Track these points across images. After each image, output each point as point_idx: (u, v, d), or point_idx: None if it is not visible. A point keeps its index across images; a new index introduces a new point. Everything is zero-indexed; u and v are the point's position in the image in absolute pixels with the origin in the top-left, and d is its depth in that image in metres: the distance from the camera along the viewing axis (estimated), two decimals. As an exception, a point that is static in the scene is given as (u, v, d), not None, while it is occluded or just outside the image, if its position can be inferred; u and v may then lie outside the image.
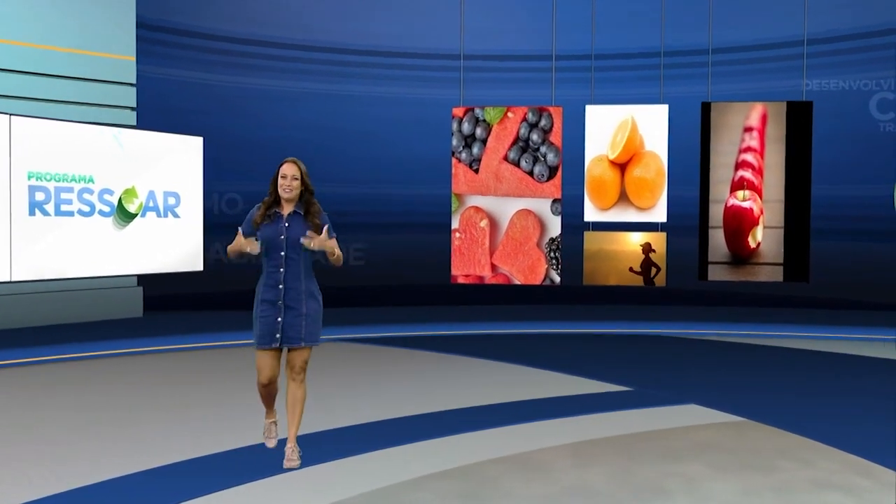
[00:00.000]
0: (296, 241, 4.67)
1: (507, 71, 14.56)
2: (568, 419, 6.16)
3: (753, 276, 10.41)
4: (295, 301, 4.71)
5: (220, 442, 5.44)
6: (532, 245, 10.33)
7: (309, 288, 4.77)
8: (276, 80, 14.65)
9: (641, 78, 13.57)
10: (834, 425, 6.01)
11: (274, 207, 4.77)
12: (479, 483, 4.64)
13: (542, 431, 5.79)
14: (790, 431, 5.82)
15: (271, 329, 4.70)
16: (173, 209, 11.12)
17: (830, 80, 13.36)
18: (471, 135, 10.39)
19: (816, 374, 8.12)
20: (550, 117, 10.26)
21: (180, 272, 11.30)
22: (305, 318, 4.73)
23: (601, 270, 10.63)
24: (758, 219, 10.29)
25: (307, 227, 4.69)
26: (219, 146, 12.03)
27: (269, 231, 4.71)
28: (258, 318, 4.75)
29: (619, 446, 5.42)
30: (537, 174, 10.25)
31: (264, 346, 4.73)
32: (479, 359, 8.85)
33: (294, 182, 4.71)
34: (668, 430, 5.85)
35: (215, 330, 10.75)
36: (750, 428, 5.95)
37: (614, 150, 10.45)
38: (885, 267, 12.96)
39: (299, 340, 4.73)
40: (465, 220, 10.42)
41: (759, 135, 10.33)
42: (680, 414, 6.37)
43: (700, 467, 4.95)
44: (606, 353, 9.33)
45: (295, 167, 4.75)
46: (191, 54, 14.21)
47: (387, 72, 14.84)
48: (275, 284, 4.71)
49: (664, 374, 8.06)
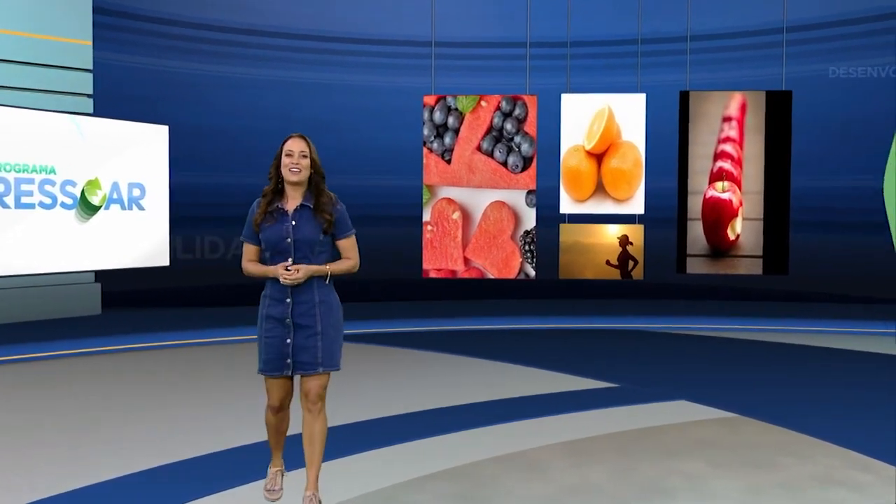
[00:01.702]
0: (306, 242, 3.97)
1: (480, 58, 14.57)
2: (560, 417, 6.26)
3: (733, 269, 10.55)
4: (307, 317, 3.97)
5: (196, 446, 5.43)
6: (506, 238, 10.38)
7: (324, 298, 4.01)
8: (238, 67, 14.58)
9: (618, 66, 13.66)
10: (826, 420, 6.17)
11: (276, 201, 4.04)
12: (479, 483, 4.70)
13: (536, 429, 5.88)
14: (784, 427, 5.96)
15: (279, 353, 3.99)
16: (138, 201, 11.09)
17: (811, 68, 13.58)
18: (442, 124, 10.41)
19: (802, 368, 8.34)
20: (525, 106, 10.30)
21: (145, 268, 11.27)
22: (322, 338, 3.99)
23: (577, 264, 10.69)
24: (737, 210, 10.42)
25: (319, 223, 3.99)
26: (177, 136, 12.01)
27: (272, 232, 3.97)
28: (263, 339, 4.03)
29: (615, 444, 5.51)
30: (511, 165, 10.29)
31: (272, 373, 4.03)
32: (459, 356, 8.94)
33: (303, 160, 4.01)
34: (662, 426, 5.97)
35: (182, 328, 10.77)
36: (743, 424, 6.09)
37: (591, 140, 10.51)
38: (865, 259, 13.18)
39: (315, 366, 4.00)
40: (437, 212, 10.44)
41: (738, 125, 10.45)
42: (671, 410, 6.49)
43: (700, 464, 5.06)
44: (588, 349, 9.47)
45: (303, 142, 4.05)
46: (149, 40, 14.11)
47: (355, 59, 14.80)
48: (281, 298, 3.96)
49: (649, 369, 8.22)
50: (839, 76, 13.65)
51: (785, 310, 12.56)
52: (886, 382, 7.74)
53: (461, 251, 10.45)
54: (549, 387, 7.36)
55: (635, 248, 10.61)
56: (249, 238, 4.08)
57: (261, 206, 4.05)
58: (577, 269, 10.72)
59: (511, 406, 6.64)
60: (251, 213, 4.08)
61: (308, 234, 3.98)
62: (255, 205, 4.08)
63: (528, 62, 11.24)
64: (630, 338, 10.32)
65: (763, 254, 10.48)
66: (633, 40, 12.41)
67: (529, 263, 10.38)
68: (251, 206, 4.10)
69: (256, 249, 4.08)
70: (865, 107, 13.56)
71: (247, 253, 4.11)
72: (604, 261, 10.65)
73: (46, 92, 11.50)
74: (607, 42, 14.22)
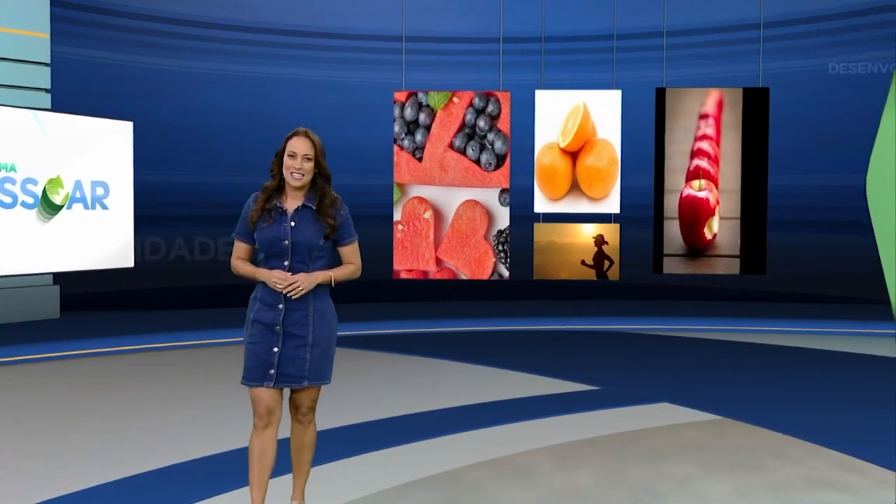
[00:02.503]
0: (304, 246, 3.77)
1: (452, 53, 14.54)
2: (543, 420, 6.27)
3: (710, 268, 10.60)
4: (299, 326, 3.76)
5: (162, 455, 5.32)
6: (479, 238, 10.34)
7: (319, 307, 3.82)
8: (201, 62, 14.45)
9: (594, 62, 13.70)
10: (812, 421, 6.23)
11: (275, 199, 3.83)
12: (465, 489, 4.66)
13: (520, 433, 5.88)
14: (770, 429, 6.01)
15: (263, 362, 3.76)
16: (102, 200, 10.92)
17: (788, 64, 13.69)
18: (414, 121, 10.35)
19: (783, 369, 8.40)
20: (498, 103, 10.27)
21: (110, 269, 11.10)
22: (311, 350, 3.79)
23: (552, 264, 10.68)
24: (714, 209, 10.46)
25: (320, 227, 3.79)
26: (137, 132, 11.87)
27: (270, 233, 3.77)
28: (247, 345, 3.82)
29: (601, 447, 5.52)
30: (484, 163, 10.26)
31: (253, 382, 3.79)
32: (433, 359, 8.90)
33: (306, 164, 3.78)
34: (647, 429, 6.00)
35: (145, 332, 10.62)
36: (729, 426, 6.14)
37: (565, 137, 10.49)
38: (843, 259, 13.30)
39: (301, 380, 3.79)
40: (408, 211, 10.39)
41: (714, 122, 10.49)
42: (655, 413, 6.53)
43: (689, 467, 5.08)
44: (565, 351, 9.47)
45: (308, 142, 3.79)
46: (108, 34, 13.93)
47: (323, 54, 14.72)
48: (273, 303, 3.76)
49: (629, 371, 8.26)
50: (839, 72, 13.74)
51: (763, 310, 12.65)
52: (869, 383, 7.82)
53: (433, 251, 10.40)
54: (528, 390, 7.35)
55: (611, 247, 10.61)
56: (242, 236, 3.87)
57: (258, 202, 3.83)
58: (552, 269, 10.71)
59: (492, 410, 6.62)
60: (246, 208, 3.87)
61: (308, 237, 3.78)
62: (252, 200, 3.87)
63: (500, 57, 11.21)
64: (607, 339, 10.34)
65: (740, 253, 10.53)
66: (608, 36, 12.45)
67: (503, 264, 10.35)
68: (247, 201, 3.89)
69: (248, 248, 3.89)
70: (844, 104, 13.68)
71: (237, 250, 3.91)
72: (579, 261, 10.65)
73: (2, 87, 11.29)
74: (582, 37, 14.25)
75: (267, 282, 3.74)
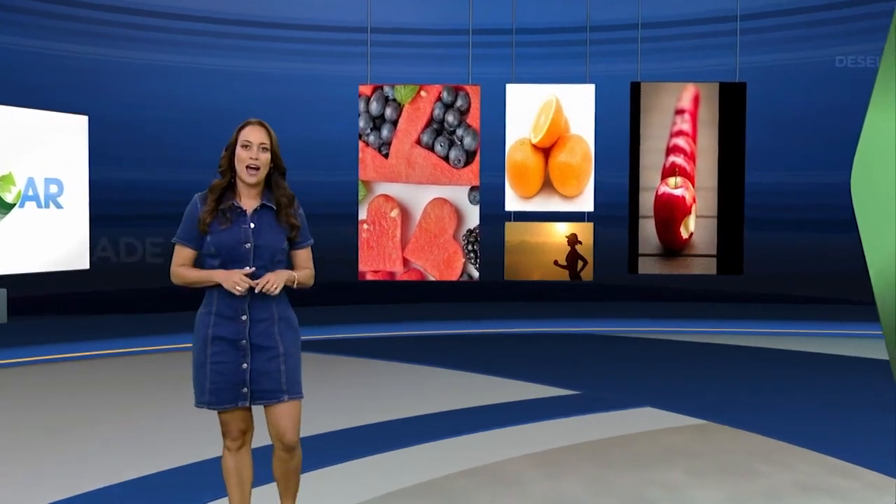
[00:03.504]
0: (268, 249, 3.53)
1: (419, 45, 14.45)
2: (524, 426, 6.24)
3: (686, 268, 10.61)
4: (266, 336, 3.52)
5: (118, 468, 5.14)
6: (448, 237, 10.27)
7: (283, 314, 3.60)
8: (153, 53, 14.20)
9: (566, 55, 13.65)
10: (799, 425, 6.26)
11: (229, 198, 3.56)
12: (450, 499, 4.60)
13: (502, 440, 5.86)
14: (757, 433, 6.03)
15: (232, 381, 3.50)
16: (55, 198, 10.67)
17: (765, 58, 13.77)
18: (379, 115, 10.25)
19: (765, 372, 8.46)
20: (467, 97, 10.20)
21: (63, 271, 10.88)
22: (284, 360, 3.56)
23: (524, 264, 10.64)
24: (690, 207, 10.47)
25: (282, 228, 3.59)
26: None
27: (228, 236, 3.51)
28: (209, 365, 3.52)
29: (585, 454, 5.50)
30: (453, 159, 10.19)
31: (224, 405, 3.52)
32: (404, 363, 8.83)
33: (263, 155, 3.53)
34: (631, 435, 6.00)
35: (99, 337, 10.40)
36: (715, 430, 6.15)
37: (537, 133, 10.44)
38: (821, 258, 13.41)
39: (279, 394, 3.54)
40: (374, 209, 10.28)
41: (691, 117, 10.49)
42: (638, 418, 6.52)
43: (678, 474, 5.05)
44: (540, 355, 9.46)
45: (263, 131, 3.55)
46: (49, 22, 13.65)
47: (284, 45, 14.56)
48: (234, 315, 3.49)
49: (608, 375, 8.26)
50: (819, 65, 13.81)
51: (741, 311, 12.75)
52: (853, 385, 7.88)
53: (400, 252, 10.31)
54: (505, 395, 7.33)
55: (584, 247, 10.59)
56: (188, 241, 3.55)
57: (208, 203, 3.52)
58: (524, 269, 10.67)
59: (470, 416, 6.58)
60: (192, 209, 3.56)
61: (271, 240, 3.54)
62: (199, 201, 3.56)
63: (470, 50, 11.13)
64: (583, 342, 10.37)
65: (717, 253, 10.55)
66: (581, 28, 12.41)
67: (473, 264, 10.29)
68: (190, 202, 3.58)
69: (193, 255, 3.58)
70: (824, 98, 13.78)
71: (179, 257, 3.58)
72: (552, 261, 10.61)
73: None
74: (555, 29, 14.24)
75: (224, 283, 3.44)
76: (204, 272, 3.52)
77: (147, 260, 14.14)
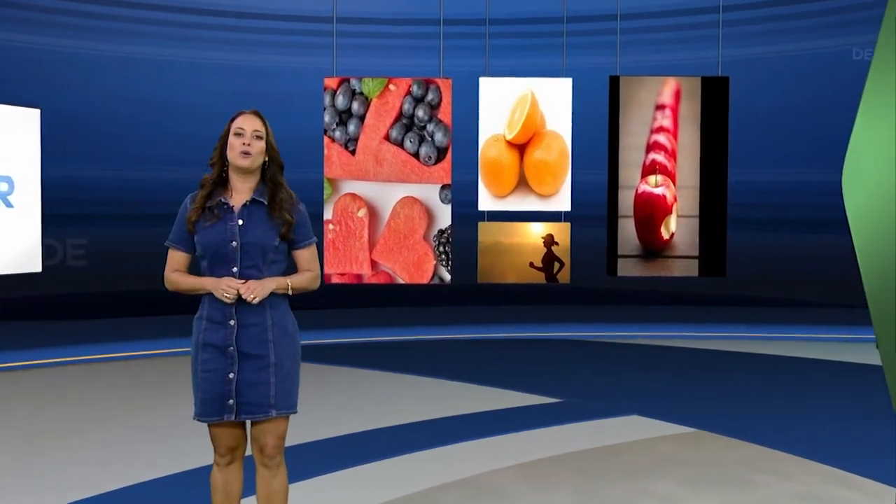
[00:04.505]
0: (257, 248, 3.42)
1: (388, 36, 14.40)
2: (507, 436, 6.25)
3: (667, 270, 10.57)
4: (257, 344, 3.41)
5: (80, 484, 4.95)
6: (418, 238, 10.12)
7: (278, 320, 3.48)
8: (110, 43, 13.99)
9: (542, 47, 13.63)
10: (795, 433, 6.34)
11: (218, 194, 3.48)
12: None
13: (484, 451, 5.86)
14: (750, 441, 6.08)
15: (219, 392, 3.40)
16: (5, 197, 10.42)
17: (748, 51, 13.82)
18: (346, 110, 10.10)
19: (754, 378, 8.55)
20: (438, 91, 10.06)
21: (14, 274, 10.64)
22: (276, 371, 3.44)
23: (498, 266, 10.51)
24: (671, 207, 10.42)
25: (274, 224, 3.47)
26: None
27: (213, 234, 3.42)
28: (199, 373, 3.45)
29: (573, 464, 5.50)
30: (423, 156, 10.06)
31: (209, 417, 3.44)
32: (375, 370, 8.85)
33: (256, 142, 3.49)
34: (620, 444, 6.01)
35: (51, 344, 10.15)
36: (707, 439, 6.19)
37: (512, 129, 10.31)
38: (808, 259, 13.49)
39: (266, 409, 3.43)
40: (340, 209, 10.10)
41: (672, 113, 10.43)
42: (625, 426, 6.55)
43: (671, 485, 5.03)
44: (518, 361, 9.54)
45: (257, 120, 3.54)
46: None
47: (245, 36, 14.42)
48: (222, 319, 3.40)
49: (589, 382, 8.33)
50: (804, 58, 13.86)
51: (724, 315, 12.84)
52: (847, 391, 7.93)
53: (367, 253, 10.14)
54: (485, 403, 7.38)
55: (561, 248, 10.49)
56: (179, 243, 3.50)
57: (196, 200, 3.46)
58: (498, 272, 10.56)
59: (450, 425, 6.60)
60: (182, 210, 3.50)
61: (260, 237, 3.43)
62: (189, 200, 3.51)
63: (441, 41, 11.01)
64: (561, 347, 10.42)
65: (699, 254, 10.52)
66: (558, 18, 12.32)
67: (444, 266, 10.17)
68: (183, 202, 3.52)
69: (186, 258, 3.52)
70: (810, 93, 13.85)
71: (172, 262, 3.52)
72: (527, 263, 10.50)
73: None
74: (530, 20, 14.23)
75: (215, 292, 3.36)
76: (197, 280, 3.44)
77: (102, 262, 13.87)
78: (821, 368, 9.04)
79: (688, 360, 9.42)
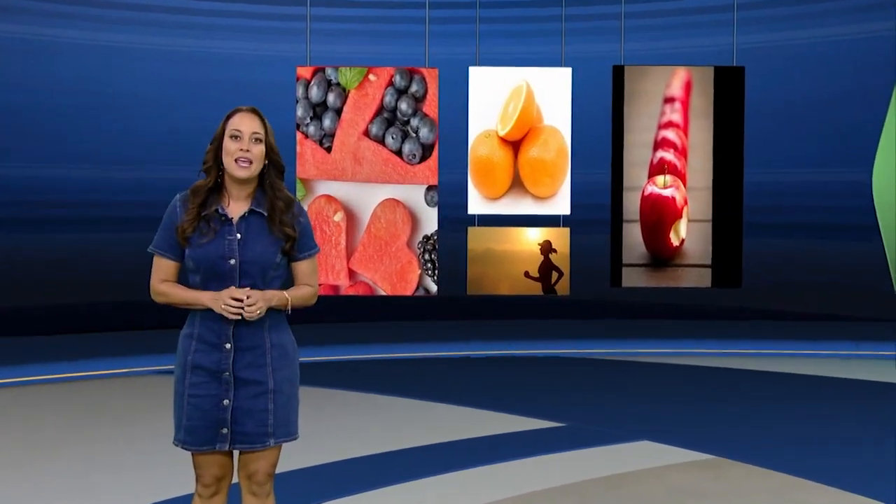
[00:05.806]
0: (257, 265, 3.39)
1: (367, 21, 14.44)
2: (509, 464, 6.25)
3: (676, 281, 10.55)
4: (254, 369, 3.39)
5: None
6: (401, 245, 10.07)
7: (277, 341, 3.48)
8: (52, 28, 13.87)
9: (539, 33, 13.65)
10: (824, 460, 6.36)
11: (213, 202, 3.41)
12: None
13: (480, 480, 5.85)
14: (773, 469, 6.06)
15: (211, 419, 3.37)
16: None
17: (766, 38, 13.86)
18: (321, 103, 10.05)
19: (776, 399, 8.65)
20: (424, 81, 10.01)
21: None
22: (274, 398, 3.43)
23: (490, 276, 10.44)
24: (681, 210, 10.39)
25: (276, 239, 3.43)
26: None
27: (210, 251, 3.37)
28: (186, 398, 3.38)
29: (581, 496, 5.46)
30: (407, 154, 9.98)
31: (200, 447, 3.40)
32: (355, 391, 8.94)
33: (255, 147, 3.39)
34: (631, 473, 5.99)
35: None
36: (726, 467, 6.18)
37: (505, 124, 10.20)
38: (831, 269, 13.51)
39: (264, 439, 3.43)
40: (315, 212, 9.94)
41: (682, 107, 10.40)
42: (636, 453, 6.55)
43: None
44: (514, 381, 9.65)
45: (256, 120, 3.42)
46: None
47: (207, 20, 14.35)
48: (217, 341, 3.36)
49: (594, 404, 8.42)
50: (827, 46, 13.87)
51: (740, 330, 12.87)
52: (877, 413, 7.87)
53: (345, 262, 10.10)
54: (475, 428, 7.34)
55: (560, 256, 10.43)
56: (167, 250, 3.44)
57: (190, 210, 3.38)
58: (490, 282, 10.51)
59: (442, 452, 6.58)
60: (170, 215, 3.43)
61: (260, 253, 3.39)
62: (179, 204, 3.43)
63: (427, 26, 10.96)
64: (561, 365, 10.49)
65: (712, 263, 10.51)
66: (556, 1, 12.36)
67: (430, 276, 10.11)
68: (170, 204, 3.47)
69: (175, 267, 3.47)
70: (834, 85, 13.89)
71: (159, 270, 3.47)
72: (522, 272, 10.45)
73: None
74: (525, 3, 14.23)
75: (214, 307, 3.30)
76: (191, 294, 3.38)
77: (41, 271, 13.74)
78: (846, 388, 9.06)
79: (700, 379, 9.44)
